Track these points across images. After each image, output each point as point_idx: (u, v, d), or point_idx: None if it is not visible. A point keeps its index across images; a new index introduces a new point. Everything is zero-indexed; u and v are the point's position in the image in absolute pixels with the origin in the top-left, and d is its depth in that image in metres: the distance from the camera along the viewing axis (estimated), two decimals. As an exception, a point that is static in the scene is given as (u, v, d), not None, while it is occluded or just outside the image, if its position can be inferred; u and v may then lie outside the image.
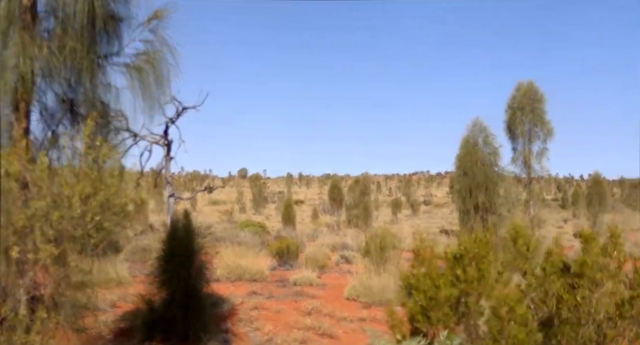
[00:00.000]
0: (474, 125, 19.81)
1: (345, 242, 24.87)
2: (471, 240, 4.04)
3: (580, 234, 3.96)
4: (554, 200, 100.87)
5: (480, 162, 19.13)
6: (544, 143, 21.57)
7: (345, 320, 10.99)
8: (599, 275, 3.76)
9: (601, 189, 41.87)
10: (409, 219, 55.24)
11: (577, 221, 50.73)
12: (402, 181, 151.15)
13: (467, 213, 19.46)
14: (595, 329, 3.78)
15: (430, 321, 4.20)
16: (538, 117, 21.26)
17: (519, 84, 21.90)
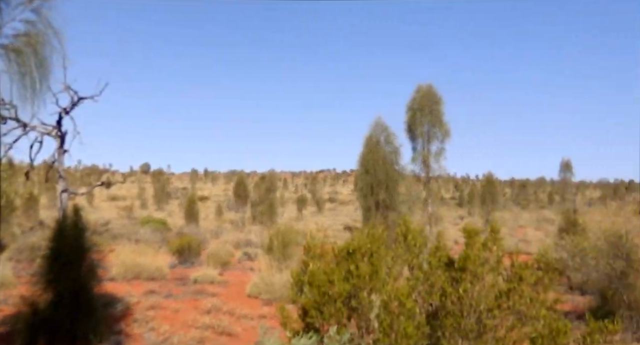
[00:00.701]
0: (376, 124, 20.33)
1: (250, 239, 24.72)
2: (363, 236, 4.11)
3: (463, 230, 4.15)
4: (451, 198, 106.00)
5: (382, 160, 19.67)
6: (442, 143, 22.57)
7: (246, 318, 10.91)
8: (480, 269, 3.95)
9: (494, 188, 44.56)
10: (314, 216, 55.87)
11: (472, 218, 53.66)
12: (308, 178, 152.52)
13: (369, 210, 19.94)
14: (476, 320, 3.97)
15: (323, 316, 4.23)
16: (436, 119, 22.20)
17: (418, 86, 22.74)
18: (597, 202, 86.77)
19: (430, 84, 22.64)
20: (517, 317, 4.04)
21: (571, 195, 77.84)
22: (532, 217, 59.47)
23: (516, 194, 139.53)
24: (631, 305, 12.78)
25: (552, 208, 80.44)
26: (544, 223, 51.06)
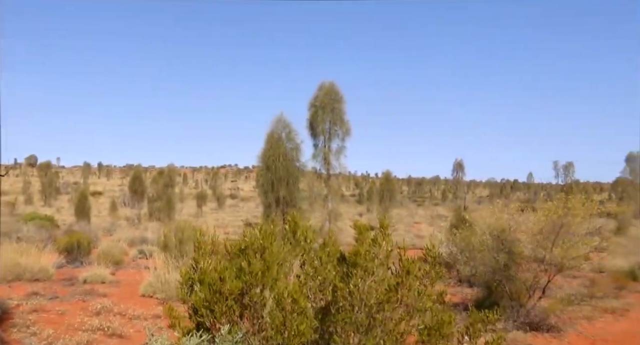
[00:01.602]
0: (278, 121, 20.33)
1: (145, 236, 23.85)
2: (256, 232, 4.05)
3: (354, 226, 4.20)
4: (351, 195, 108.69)
5: (283, 157, 19.71)
6: (343, 141, 23.01)
7: (139, 319, 10.49)
8: (370, 264, 4.02)
9: (392, 186, 46.15)
10: (215, 213, 55.01)
11: (370, 215, 55.28)
12: (209, 174, 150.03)
13: (269, 207, 19.91)
14: (367, 314, 4.04)
15: (214, 315, 4.11)
16: (338, 116, 22.59)
17: (321, 83, 23.03)
18: (486, 200, 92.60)
19: (333, 82, 23.00)
20: (406, 310, 4.15)
21: (463, 193, 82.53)
22: (427, 214, 62.38)
23: (413, 191, 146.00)
24: (513, 295, 13.71)
25: (445, 205, 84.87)
26: (438, 219, 53.70)
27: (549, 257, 13.55)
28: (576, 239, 13.67)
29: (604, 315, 15.47)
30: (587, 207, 13.78)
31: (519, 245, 14.33)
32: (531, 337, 12.40)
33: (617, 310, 16.07)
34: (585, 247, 13.75)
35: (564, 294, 16.40)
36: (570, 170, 76.67)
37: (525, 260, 14.54)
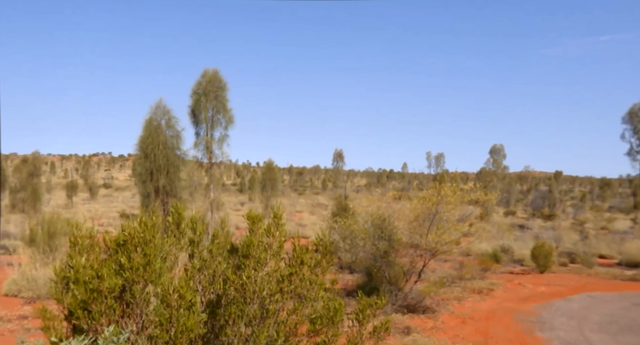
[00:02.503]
0: (157, 107, 19.44)
1: (8, 230, 21.82)
2: (136, 224, 3.76)
3: (247, 216, 4.06)
4: (233, 184, 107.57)
5: (163, 145, 18.89)
6: (226, 129, 22.50)
7: (2, 320, 9.56)
8: (263, 254, 3.91)
9: (273, 175, 46.13)
10: (87, 203, 51.81)
11: (252, 204, 55.04)
12: (80, 162, 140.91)
13: (148, 197, 19.02)
14: (260, 305, 3.93)
15: (92, 316, 3.78)
16: (221, 104, 22.04)
17: (205, 70, 22.31)
18: (364, 189, 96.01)
19: (217, 69, 22.38)
20: (298, 300, 4.09)
21: (342, 182, 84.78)
22: (308, 203, 63.39)
23: (294, 180, 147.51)
24: (391, 280, 14.29)
25: (326, 194, 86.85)
26: (319, 208, 54.78)
27: (424, 243, 14.31)
28: (448, 225, 14.55)
29: (472, 295, 16.67)
30: (458, 195, 14.70)
31: (397, 233, 14.99)
32: (409, 319, 13.04)
33: (483, 290, 17.40)
34: (456, 233, 14.69)
35: (437, 277, 17.41)
36: (441, 161, 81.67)
37: (403, 246, 15.25)
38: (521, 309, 15.11)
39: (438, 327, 12.70)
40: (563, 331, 12.88)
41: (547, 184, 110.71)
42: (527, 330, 12.87)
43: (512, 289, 18.05)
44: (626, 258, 26.45)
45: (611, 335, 12.72)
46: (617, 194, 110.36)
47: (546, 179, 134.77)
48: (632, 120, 36.84)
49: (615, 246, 30.08)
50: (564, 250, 27.65)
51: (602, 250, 29.02)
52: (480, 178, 58.89)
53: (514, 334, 12.48)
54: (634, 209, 69.67)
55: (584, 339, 12.30)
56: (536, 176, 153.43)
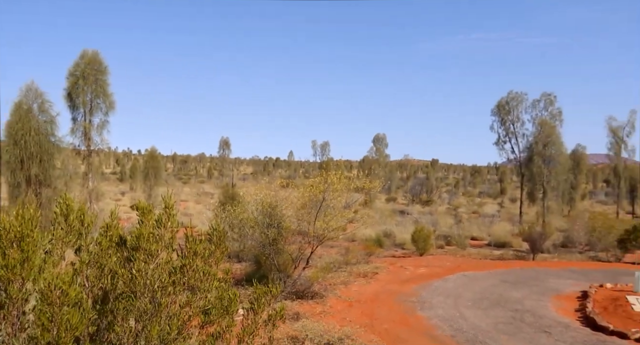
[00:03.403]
0: (28, 89, 17.86)
1: None
2: (11, 218, 3.44)
3: (136, 207, 3.87)
4: (112, 173, 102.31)
5: (35, 131, 17.44)
6: (106, 115, 21.26)
7: None
8: (154, 246, 3.75)
9: (157, 163, 44.44)
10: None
11: (134, 194, 52.75)
12: None
13: (18, 187, 17.52)
14: (151, 299, 3.78)
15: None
16: (101, 89, 20.76)
17: (83, 51, 20.84)
18: (250, 177, 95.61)
19: (97, 51, 21.01)
20: (191, 291, 3.99)
21: (229, 170, 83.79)
22: (193, 191, 61.92)
23: (178, 168, 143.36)
24: (280, 267, 14.40)
25: (212, 182, 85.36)
26: (205, 197, 53.70)
27: (312, 229, 14.57)
28: (335, 212, 14.92)
29: (358, 279, 17.28)
30: (344, 183, 15.10)
31: (286, 220, 15.12)
32: (298, 305, 13.24)
33: (368, 274, 18.09)
34: (342, 219, 15.11)
35: (325, 263, 17.81)
36: (326, 149, 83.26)
37: (291, 233, 15.42)
38: (403, 290, 15.91)
39: (326, 311, 13.03)
40: (441, 309, 13.76)
41: (425, 171, 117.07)
42: (409, 310, 13.60)
43: (395, 272, 18.95)
44: (494, 239, 28.80)
45: (482, 310, 13.80)
46: (486, 180, 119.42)
47: (424, 167, 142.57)
48: (500, 113, 39.81)
49: (485, 228, 32.60)
50: (440, 234, 29.49)
51: (473, 233, 31.33)
52: (364, 166, 60.92)
53: (397, 314, 13.13)
54: (500, 194, 75.87)
55: (459, 315, 13.22)
56: (415, 164, 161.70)
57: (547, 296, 15.63)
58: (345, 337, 10.27)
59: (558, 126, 38.26)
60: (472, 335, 11.43)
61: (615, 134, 47.85)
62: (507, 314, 13.40)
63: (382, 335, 11.12)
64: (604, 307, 13.91)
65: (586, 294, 15.54)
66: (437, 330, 11.79)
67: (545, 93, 39.23)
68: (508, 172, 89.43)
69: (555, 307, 14.40)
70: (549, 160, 37.32)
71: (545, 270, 20.18)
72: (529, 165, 37.58)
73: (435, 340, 11.11)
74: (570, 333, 11.87)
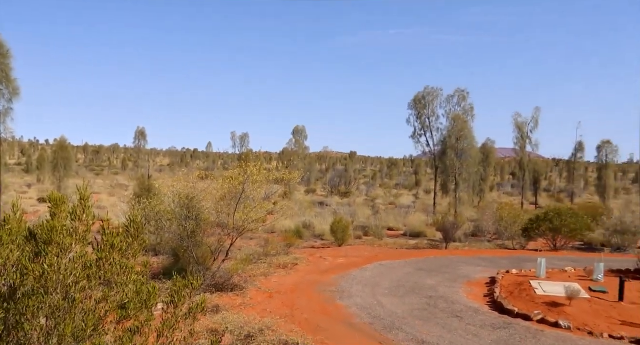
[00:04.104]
0: None
1: None
2: None
3: (49, 198, 3.67)
4: (17, 164, 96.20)
5: None
6: (10, 102, 19.92)
7: None
8: (68, 239, 3.57)
9: (67, 153, 42.25)
10: None
11: (42, 186, 49.89)
12: None
13: None
14: (64, 296, 3.60)
15: None
16: (3, 74, 19.42)
17: (-19, 33, 19.39)
18: (167, 169, 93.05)
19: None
20: (108, 286, 3.84)
21: (144, 161, 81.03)
22: (107, 183, 59.42)
23: (90, 159, 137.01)
24: (199, 260, 14.16)
25: (126, 174, 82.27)
26: (119, 189, 51.69)
27: (231, 221, 14.41)
28: (255, 204, 14.85)
29: (278, 271, 17.31)
30: (264, 174, 15.05)
31: (204, 212, 14.86)
32: (218, 298, 13.08)
33: (288, 265, 18.17)
34: (262, 211, 15.05)
35: (244, 255, 17.73)
36: (245, 141, 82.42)
37: (210, 226, 15.18)
38: (323, 280, 16.12)
39: (247, 303, 12.97)
40: (359, 298, 14.07)
41: (344, 163, 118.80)
42: (329, 299, 13.81)
43: (315, 263, 19.15)
44: (410, 229, 29.81)
45: (399, 297, 14.25)
46: (402, 172, 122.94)
47: (343, 159, 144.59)
48: (416, 107, 41.14)
49: (401, 219, 33.64)
50: (358, 224, 30.12)
51: (390, 223, 32.25)
52: (283, 158, 60.94)
53: (317, 304, 13.29)
54: (416, 186, 78.46)
55: (377, 303, 13.58)
56: (334, 156, 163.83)
57: (459, 283, 16.38)
58: (266, 328, 10.28)
59: (470, 121, 40.15)
60: (389, 322, 11.78)
61: (521, 129, 50.78)
62: (422, 301, 13.92)
63: (303, 325, 11.24)
64: (510, 292, 14.78)
65: (494, 280, 16.43)
66: (356, 319, 12.06)
67: (459, 89, 41.02)
68: (423, 165, 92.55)
69: (466, 293, 15.12)
70: (461, 154, 39.05)
71: (457, 259, 21.13)
72: (443, 158, 39.16)
73: (354, 328, 11.36)
74: (479, 317, 12.52)
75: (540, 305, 13.30)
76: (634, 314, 12.58)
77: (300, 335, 10.02)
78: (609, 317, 12.49)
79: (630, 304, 13.35)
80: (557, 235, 24.92)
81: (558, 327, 11.85)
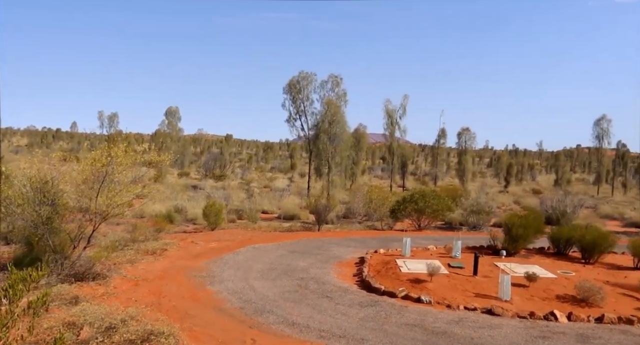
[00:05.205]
0: None
1: None
2: None
3: None
4: None
5: None
6: None
7: None
8: None
9: None
10: None
11: None
12: None
13: None
14: None
15: None
16: None
17: None
18: (25, 149, 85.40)
19: None
20: None
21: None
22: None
23: None
24: (56, 248, 13.07)
25: (-26, 155, 74.29)
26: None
27: (93, 206, 13.45)
28: (120, 187, 13.99)
29: (146, 257, 16.55)
30: (130, 156, 14.20)
31: (63, 197, 13.71)
32: (77, 288, 12.16)
33: (157, 251, 17.43)
34: (129, 195, 14.22)
35: (109, 242, 16.72)
36: (114, 121, 77.82)
37: (70, 211, 14.05)
38: (194, 265, 15.67)
39: (110, 292, 12.22)
40: (231, 282, 13.85)
41: (219, 146, 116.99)
42: (199, 285, 13.43)
43: (186, 247, 18.58)
44: (284, 212, 30.04)
45: (271, 280, 14.24)
46: (277, 156, 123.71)
47: (218, 142, 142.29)
48: (291, 91, 41.31)
49: (275, 202, 33.79)
50: (233, 208, 29.75)
51: (265, 206, 32.26)
52: (155, 140, 58.43)
53: (186, 290, 12.87)
54: (291, 169, 79.32)
55: (249, 286, 13.45)
56: (209, 139, 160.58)
57: (330, 264, 16.75)
58: (130, 319, 9.71)
59: (343, 106, 41.12)
60: (260, 306, 11.71)
61: (390, 115, 53.08)
62: (293, 283, 14.02)
63: (170, 313, 10.80)
64: (378, 271, 15.38)
65: (363, 260, 17.02)
66: (227, 304, 11.84)
67: (333, 75, 41.78)
68: (298, 149, 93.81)
69: (337, 273, 15.49)
70: (334, 138, 39.93)
71: (329, 240, 21.62)
72: (316, 142, 39.79)
73: (224, 313, 11.14)
74: (348, 296, 12.87)
75: (405, 282, 13.99)
76: (485, 287, 13.66)
77: (167, 324, 9.60)
78: (465, 290, 13.46)
79: (483, 278, 14.49)
80: (422, 216, 26.44)
81: (420, 302, 12.55)
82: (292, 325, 10.51)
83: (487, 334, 10.43)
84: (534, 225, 18.84)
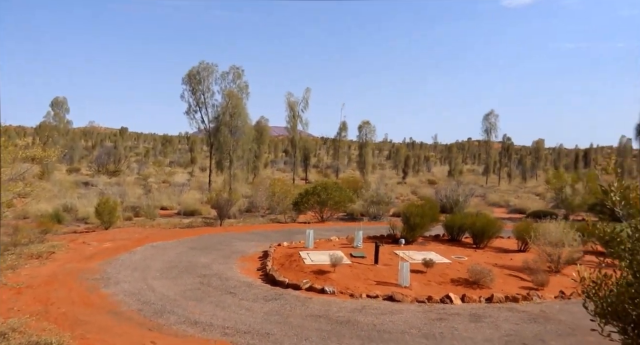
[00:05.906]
0: None
1: None
2: None
3: None
4: None
5: None
6: None
7: None
8: None
9: None
10: None
11: None
12: None
13: None
14: None
15: None
16: None
17: None
18: None
19: None
20: None
21: None
22: None
23: None
24: None
25: None
26: None
27: (-33, 207, 12.14)
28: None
29: (30, 261, 15.22)
30: (10, 151, 12.99)
31: None
32: (-53, 300, 10.89)
33: (43, 254, 16.10)
34: (8, 194, 12.99)
35: (-13, 246, 15.21)
36: (-7, 114, 71.52)
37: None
38: (86, 268, 14.64)
39: (-13, 303, 11.07)
40: (128, 283, 13.06)
41: (113, 140, 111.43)
42: (92, 288, 12.54)
43: (76, 249, 17.35)
44: (184, 207, 29.01)
45: (171, 279, 13.60)
46: (177, 149, 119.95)
47: (112, 135, 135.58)
48: (191, 82, 39.94)
49: (175, 198, 32.58)
50: (129, 205, 28.28)
51: (163, 202, 31.01)
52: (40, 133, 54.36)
53: (77, 295, 11.95)
54: (191, 163, 77.16)
55: (147, 287, 12.75)
56: (102, 132, 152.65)
57: (233, 259, 16.34)
58: (11, 331, 8.80)
59: (244, 98, 40.38)
60: (159, 307, 11.12)
61: (292, 108, 53.06)
62: (195, 280, 13.49)
63: (59, 321, 9.94)
64: (282, 264, 15.19)
65: (267, 254, 16.77)
66: (123, 306, 11.12)
67: (234, 66, 40.90)
68: (199, 142, 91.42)
69: (240, 268, 15.13)
70: (235, 131, 39.13)
71: (231, 235, 21.14)
72: (217, 135, 38.80)
73: (120, 316, 10.44)
74: (253, 291, 12.58)
75: (309, 274, 13.92)
76: (386, 274, 13.94)
77: (55, 333, 8.81)
78: (367, 279, 13.64)
79: (384, 266, 14.78)
80: (324, 208, 26.63)
81: (324, 293, 12.54)
82: (194, 324, 10.07)
83: (389, 320, 10.65)
84: (430, 214, 19.65)
